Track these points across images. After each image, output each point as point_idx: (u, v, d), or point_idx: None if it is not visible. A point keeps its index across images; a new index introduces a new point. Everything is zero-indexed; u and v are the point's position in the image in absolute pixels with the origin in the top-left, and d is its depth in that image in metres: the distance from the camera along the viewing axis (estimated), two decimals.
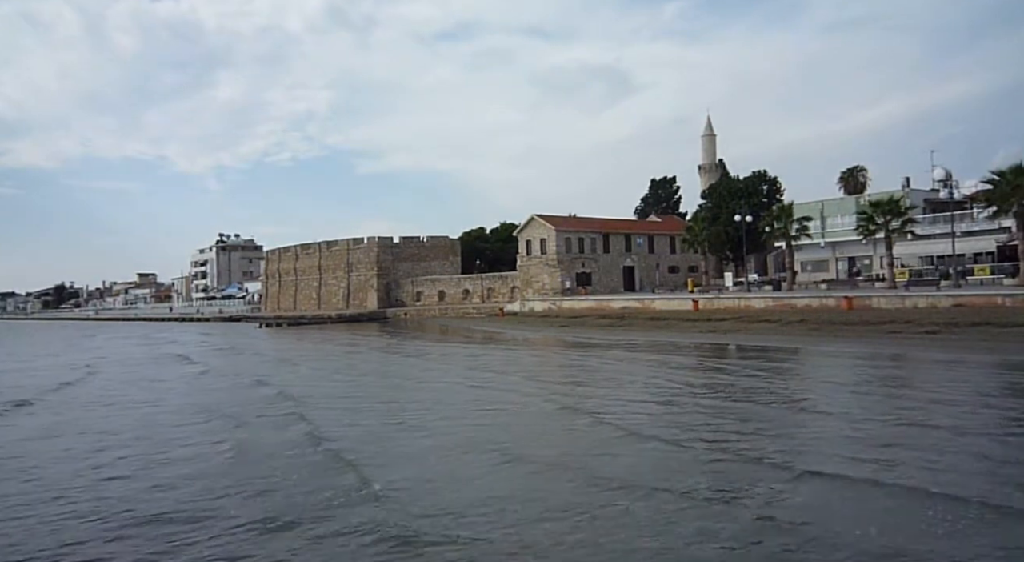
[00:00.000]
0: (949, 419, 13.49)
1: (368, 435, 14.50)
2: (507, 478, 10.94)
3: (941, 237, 45.27)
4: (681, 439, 12.67)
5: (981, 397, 15.93)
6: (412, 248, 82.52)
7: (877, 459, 10.81)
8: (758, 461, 11.05)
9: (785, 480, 9.95)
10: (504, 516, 8.93)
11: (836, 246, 56.62)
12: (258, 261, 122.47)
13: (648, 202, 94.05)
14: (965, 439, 11.88)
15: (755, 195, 60.88)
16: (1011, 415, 13.90)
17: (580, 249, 67.01)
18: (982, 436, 12.10)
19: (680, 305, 45.74)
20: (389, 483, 10.52)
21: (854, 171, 74.67)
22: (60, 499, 10.50)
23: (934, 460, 10.61)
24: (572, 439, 13.56)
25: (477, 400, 18.29)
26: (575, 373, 24.57)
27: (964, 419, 13.48)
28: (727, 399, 16.92)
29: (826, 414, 14.68)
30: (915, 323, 29.91)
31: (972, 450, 11.17)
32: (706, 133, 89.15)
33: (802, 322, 34.56)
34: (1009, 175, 36.60)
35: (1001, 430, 12.50)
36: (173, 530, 8.84)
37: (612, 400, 17.39)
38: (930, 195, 52.72)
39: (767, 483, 9.86)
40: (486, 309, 66.95)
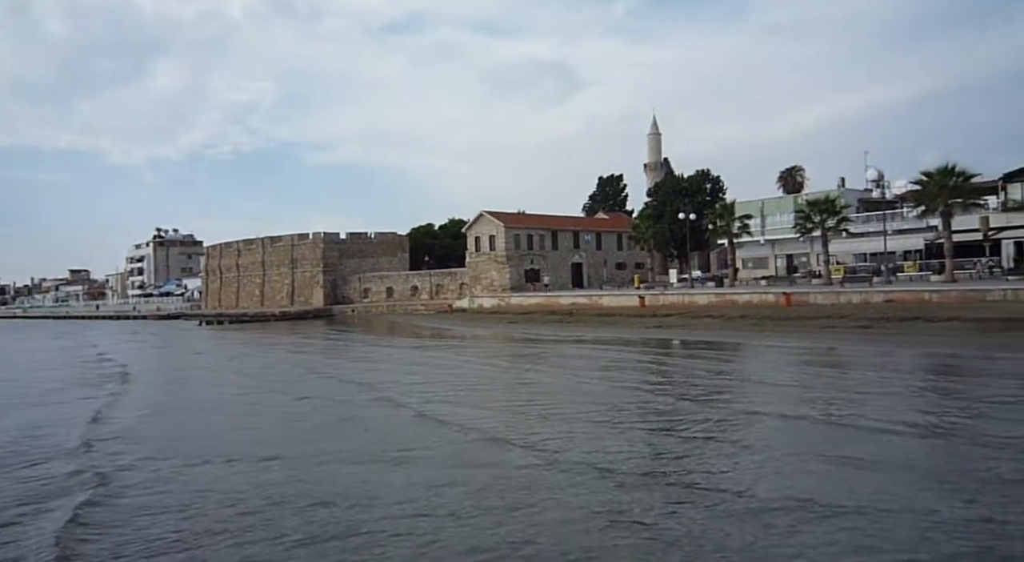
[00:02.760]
0: (870, 388, 15.71)
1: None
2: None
3: (874, 235, 47.18)
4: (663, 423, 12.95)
5: (899, 374, 16.69)
6: (360, 244, 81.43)
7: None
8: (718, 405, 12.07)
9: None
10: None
11: (776, 244, 58.41)
12: (198, 257, 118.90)
13: (596, 199, 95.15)
14: (881, 401, 14.48)
15: (699, 193, 62.33)
16: (924, 387, 14.68)
17: (529, 246, 67.33)
18: (891, 396, 14.82)
19: (627, 301, 46.45)
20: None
21: (792, 171, 77.15)
22: None
23: (857, 412, 13.56)
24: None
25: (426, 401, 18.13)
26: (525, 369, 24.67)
27: (877, 385, 16.02)
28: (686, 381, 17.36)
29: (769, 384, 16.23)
30: (849, 318, 31.12)
31: (882, 404, 14.11)
32: (652, 132, 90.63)
33: (743, 317, 35.56)
34: (936, 176, 38.40)
35: (906, 403, 13.17)
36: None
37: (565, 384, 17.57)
38: (864, 195, 54.84)
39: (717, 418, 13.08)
40: (435, 306, 66.65)
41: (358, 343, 39.75)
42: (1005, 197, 45.58)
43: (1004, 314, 26.83)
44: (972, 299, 30.62)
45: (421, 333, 44.70)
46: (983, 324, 26.09)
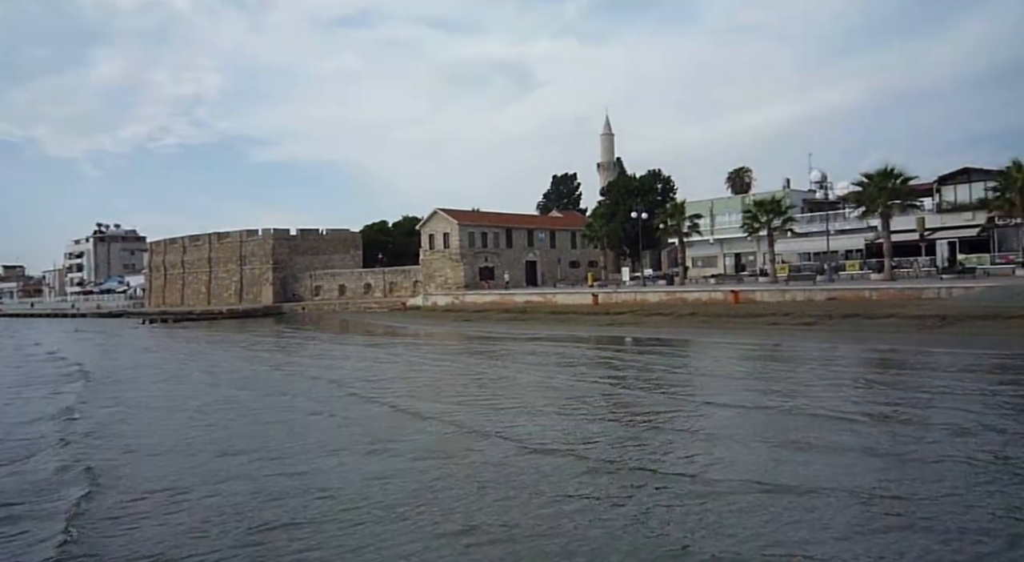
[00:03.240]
0: (815, 380, 16.45)
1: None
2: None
3: (817, 235, 48.68)
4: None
5: (843, 368, 17.46)
6: (311, 241, 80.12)
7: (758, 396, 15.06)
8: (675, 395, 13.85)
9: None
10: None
11: (724, 243, 59.76)
12: (141, 253, 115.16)
13: (550, 198, 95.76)
14: (826, 392, 15.22)
15: (651, 193, 63.24)
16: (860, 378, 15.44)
17: (483, 243, 67.31)
18: (836, 387, 16.02)
19: (581, 299, 46.89)
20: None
21: (740, 172, 79.10)
22: None
23: (803, 402, 14.51)
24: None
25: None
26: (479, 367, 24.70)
27: (822, 378, 17.17)
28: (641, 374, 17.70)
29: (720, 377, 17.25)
30: (794, 315, 32.08)
31: (827, 394, 15.41)
32: (605, 132, 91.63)
33: (693, 315, 36.30)
34: (876, 179, 39.90)
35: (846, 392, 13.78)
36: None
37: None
38: (808, 195, 56.59)
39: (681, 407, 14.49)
40: (388, 303, 66.08)
41: (314, 341, 39.21)
42: (940, 199, 47.65)
43: (939, 311, 28.04)
44: (909, 297, 31.91)
45: (376, 331, 44.27)
46: (920, 321, 27.23)
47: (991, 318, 25.79)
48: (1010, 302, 27.40)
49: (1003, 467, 9.59)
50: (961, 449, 10.52)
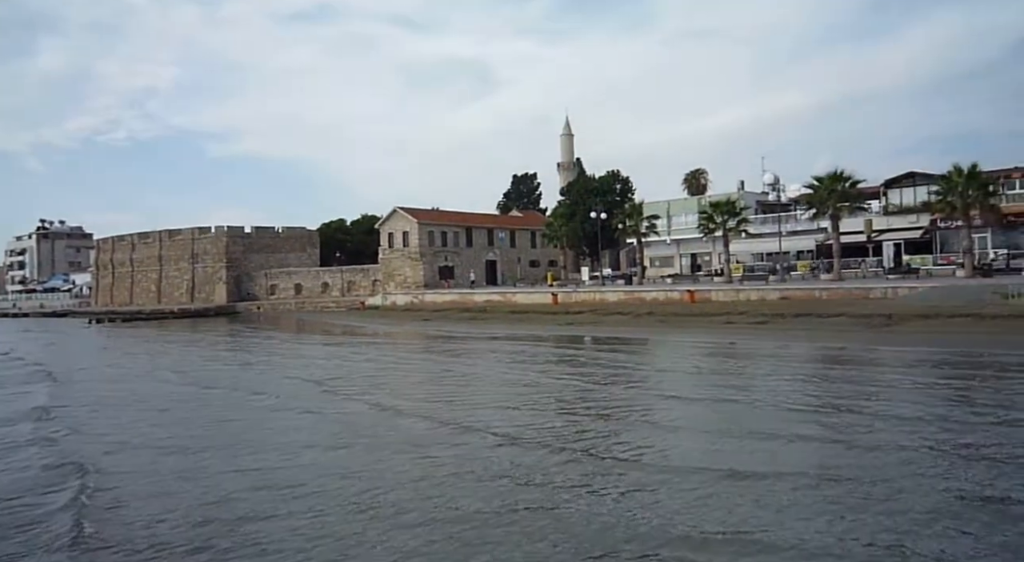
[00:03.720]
0: (768, 376, 17.05)
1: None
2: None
3: (770, 236, 49.94)
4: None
5: (794, 364, 18.09)
6: (266, 239, 78.73)
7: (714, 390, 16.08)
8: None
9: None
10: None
11: (681, 243, 60.79)
12: (87, 251, 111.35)
13: (510, 197, 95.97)
14: (778, 386, 16.31)
15: (609, 193, 63.97)
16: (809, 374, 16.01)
17: (443, 242, 67.13)
18: (787, 382, 16.78)
19: (540, 299, 47.15)
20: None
21: (696, 173, 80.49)
22: None
23: (757, 396, 15.31)
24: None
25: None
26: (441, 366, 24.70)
27: (774, 374, 18.07)
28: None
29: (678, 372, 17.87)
30: (748, 314, 32.86)
31: (780, 388, 16.11)
32: (565, 132, 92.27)
33: (651, 314, 36.86)
34: (826, 181, 41.12)
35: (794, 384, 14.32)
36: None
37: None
38: (761, 197, 57.94)
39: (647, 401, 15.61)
40: (346, 303, 65.39)
41: (276, 340, 38.81)
42: (886, 202, 49.37)
43: (885, 310, 29.08)
44: (857, 296, 33.00)
45: (335, 331, 43.74)
46: (867, 319, 28.18)
47: (933, 317, 26.85)
48: (951, 301, 28.58)
49: (942, 452, 10.32)
50: (906, 437, 11.20)
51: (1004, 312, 25.92)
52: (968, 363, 19.32)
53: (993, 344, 21.66)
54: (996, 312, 26.04)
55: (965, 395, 15.00)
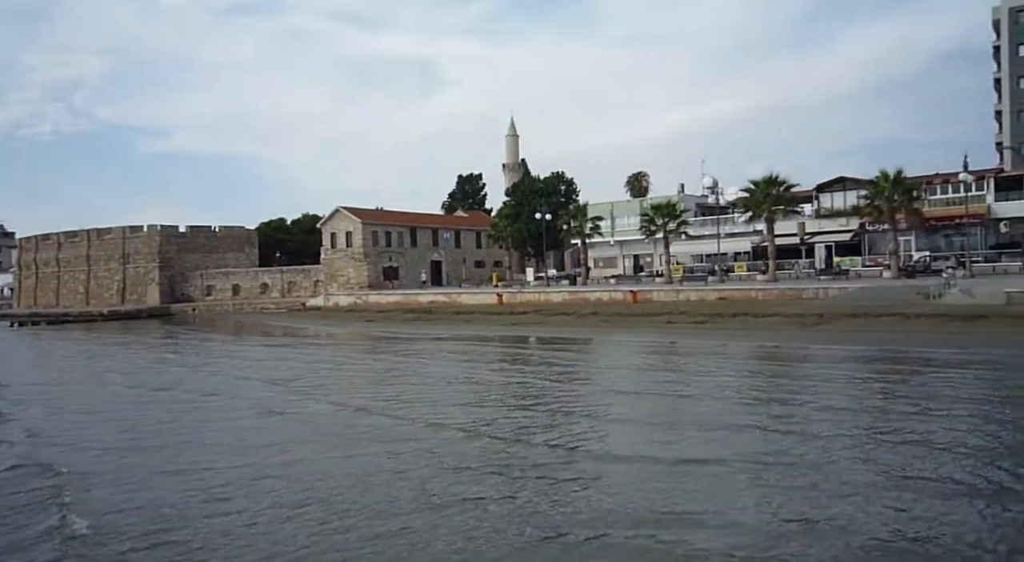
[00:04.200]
0: (708, 372, 17.68)
1: None
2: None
3: (709, 238, 51.25)
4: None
5: (732, 361, 18.67)
6: (202, 238, 76.28)
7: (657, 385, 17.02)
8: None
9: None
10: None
11: (624, 244, 61.77)
12: (9, 250, 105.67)
13: (455, 198, 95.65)
14: (717, 381, 16.78)
15: (554, 195, 64.60)
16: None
17: (387, 243, 66.43)
18: (725, 377, 17.13)
19: (486, 299, 47.15)
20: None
21: (639, 176, 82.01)
22: None
23: (696, 390, 15.86)
24: None
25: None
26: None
27: (713, 370, 19.01)
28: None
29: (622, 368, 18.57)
30: (688, 314, 33.63)
31: (718, 383, 16.57)
32: (510, 133, 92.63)
33: (595, 314, 37.33)
34: (762, 185, 42.49)
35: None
36: None
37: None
38: (700, 200, 59.38)
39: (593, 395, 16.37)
40: (286, 304, 63.98)
41: (217, 343, 37.82)
42: (818, 206, 51.31)
43: (817, 310, 30.22)
44: (791, 296, 34.20)
45: (277, 332, 42.75)
46: (801, 319, 29.23)
47: (862, 316, 28.07)
48: (878, 301, 29.93)
49: (867, 438, 11.25)
50: (836, 426, 12.10)
51: (927, 311, 27.30)
52: (893, 359, 20.28)
53: (916, 342, 22.79)
54: (919, 311, 27.40)
55: (890, 388, 16.00)
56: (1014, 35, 57.55)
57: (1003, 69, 58.70)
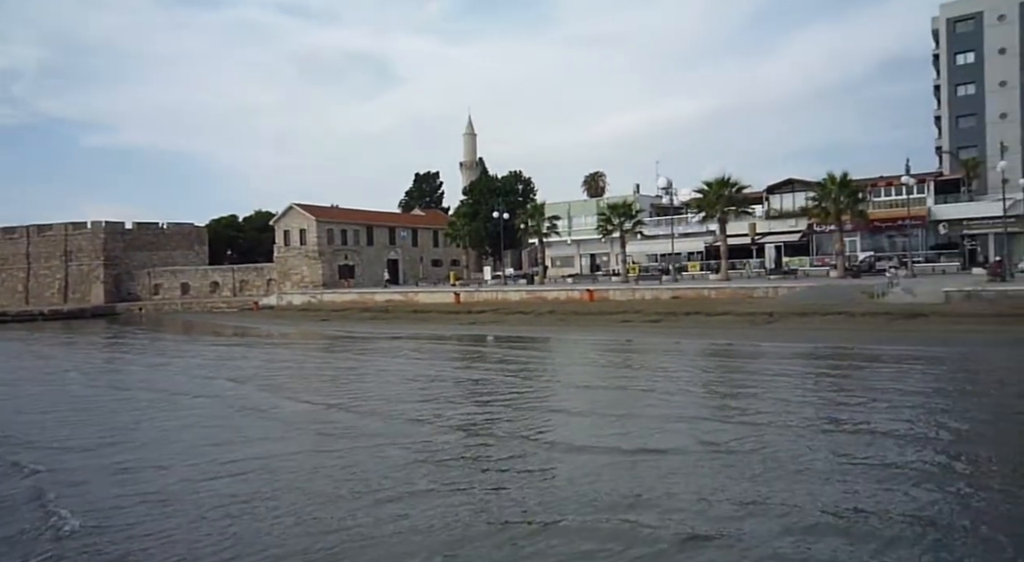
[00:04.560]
0: (662, 369, 17.66)
1: None
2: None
3: (663, 238, 52.08)
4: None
5: (685, 358, 19.07)
6: (149, 235, 74.08)
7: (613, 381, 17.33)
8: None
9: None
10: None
11: (581, 243, 62.31)
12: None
13: (412, 196, 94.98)
14: (670, 375, 16.19)
15: (512, 194, 64.65)
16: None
17: (343, 241, 65.58)
18: (679, 372, 16.83)
19: (443, 298, 46.97)
20: None
21: (595, 176, 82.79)
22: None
23: (649, 385, 16.34)
24: None
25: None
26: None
27: (667, 367, 19.11)
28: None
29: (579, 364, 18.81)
30: (643, 312, 34.14)
31: (671, 377, 16.51)
32: (467, 131, 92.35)
33: (552, 313, 37.56)
34: (714, 186, 43.38)
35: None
36: None
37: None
38: (655, 200, 60.28)
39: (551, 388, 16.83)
40: (238, 303, 62.62)
41: (164, 343, 36.69)
42: (768, 207, 52.65)
43: (767, 309, 31.02)
44: (742, 296, 35.01)
45: (226, 332, 41.78)
46: (751, 317, 29.97)
47: (810, 314, 28.93)
48: (825, 300, 30.88)
49: (812, 427, 12.04)
50: (783, 416, 12.84)
51: (871, 310, 28.31)
52: (839, 355, 21.00)
53: (861, 339, 23.63)
54: (864, 310, 28.39)
55: (836, 382, 16.75)
56: (952, 44, 60.06)
57: (942, 76, 61.21)
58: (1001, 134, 53.99)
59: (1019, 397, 14.62)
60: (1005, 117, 57.38)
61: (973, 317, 25.49)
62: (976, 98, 58.97)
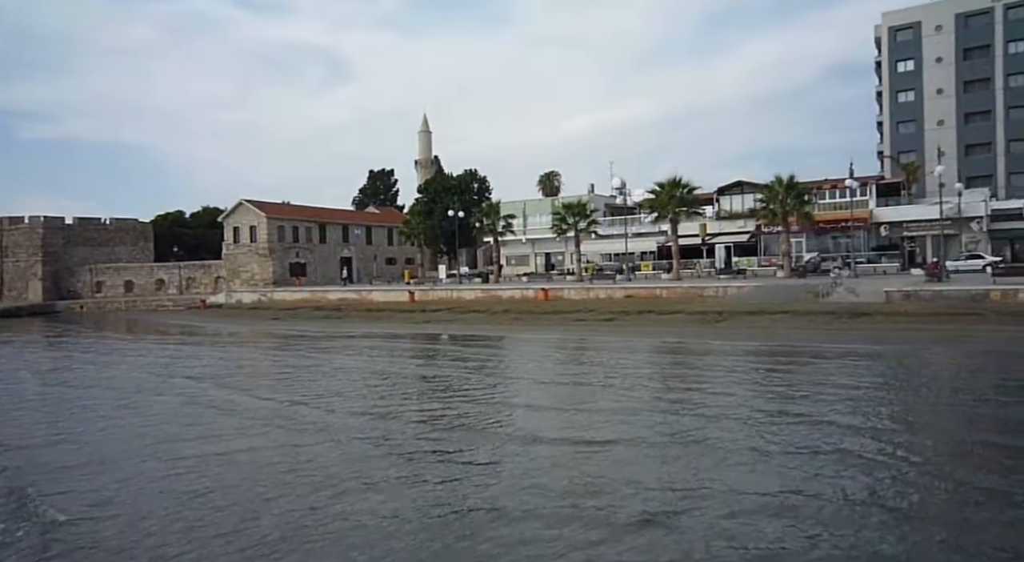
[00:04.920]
0: (615, 366, 18.08)
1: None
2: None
3: (617, 237, 52.74)
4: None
5: (637, 355, 19.42)
6: (91, 231, 71.52)
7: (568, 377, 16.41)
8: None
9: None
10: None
11: (536, 242, 62.61)
12: None
13: (367, 193, 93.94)
14: (621, 371, 17.02)
15: (467, 192, 64.47)
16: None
17: (295, 238, 64.43)
18: (630, 367, 17.13)
19: (397, 297, 46.59)
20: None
21: (550, 175, 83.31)
22: None
23: (604, 381, 16.27)
24: None
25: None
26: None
27: (619, 364, 19.73)
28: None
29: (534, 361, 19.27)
30: (597, 311, 34.47)
31: (622, 373, 17.16)
32: (423, 129, 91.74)
33: (507, 312, 37.60)
34: (667, 187, 44.09)
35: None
36: None
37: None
38: (609, 200, 61.01)
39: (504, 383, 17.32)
40: (184, 301, 60.97)
41: (111, 341, 35.49)
42: (718, 208, 53.79)
43: (717, 307, 31.69)
44: (693, 294, 35.69)
45: (172, 331, 40.58)
46: (702, 316, 30.56)
47: (758, 313, 29.66)
48: (772, 299, 31.74)
49: (757, 418, 12.70)
50: (730, 409, 13.50)
51: (816, 309, 29.19)
52: (785, 352, 21.61)
53: (806, 337, 24.33)
54: (809, 309, 29.26)
55: (781, 377, 17.44)
56: (893, 52, 62.35)
57: (884, 83, 63.49)
58: (938, 140, 56.29)
59: (950, 390, 15.40)
60: (942, 124, 59.88)
61: (911, 316, 26.53)
62: (915, 105, 61.39)
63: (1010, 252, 45.19)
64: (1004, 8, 57.62)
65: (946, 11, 59.72)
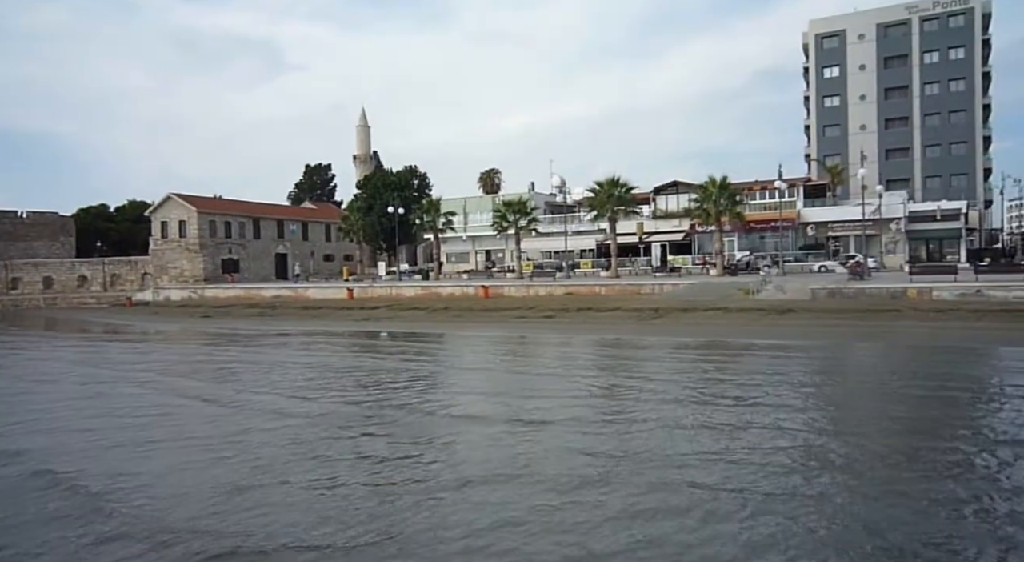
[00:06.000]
0: (553, 359, 18.45)
1: None
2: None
3: (557, 235, 53.16)
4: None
5: (575, 350, 19.71)
6: (6, 225, 67.61)
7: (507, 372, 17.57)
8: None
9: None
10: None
11: (476, 240, 62.51)
12: None
13: (303, 188, 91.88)
14: (560, 363, 17.13)
15: (407, 188, 63.79)
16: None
17: (227, 233, 62.47)
18: (568, 359, 17.57)
19: (335, 294, 45.79)
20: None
21: (491, 173, 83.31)
22: None
23: (543, 371, 16.16)
24: None
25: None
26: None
27: (557, 358, 18.97)
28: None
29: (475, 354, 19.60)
30: (537, 308, 34.73)
31: (560, 364, 16.97)
32: (361, 124, 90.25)
33: (447, 309, 37.46)
34: (605, 186, 44.74)
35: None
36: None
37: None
38: (550, 198, 61.47)
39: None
40: (109, 298, 58.38)
41: (29, 338, 33.25)
42: (655, 207, 54.91)
43: (653, 304, 32.39)
44: (631, 292, 36.36)
45: (94, 329, 38.76)
46: (639, 312, 31.17)
47: (692, 310, 30.47)
48: (705, 297, 32.64)
49: (687, 402, 13.74)
50: (661, 395, 14.45)
51: (746, 306, 30.19)
52: (717, 347, 22.31)
53: (737, 332, 25.17)
54: (740, 306, 30.24)
55: (711, 368, 18.25)
56: (819, 59, 64.97)
57: (811, 88, 66.11)
58: (861, 144, 58.98)
59: (866, 380, 16.47)
60: (864, 128, 62.78)
61: (835, 312, 27.74)
62: (840, 110, 64.13)
63: (925, 252, 47.78)
64: (920, 20, 60.86)
65: (868, 21, 62.64)
